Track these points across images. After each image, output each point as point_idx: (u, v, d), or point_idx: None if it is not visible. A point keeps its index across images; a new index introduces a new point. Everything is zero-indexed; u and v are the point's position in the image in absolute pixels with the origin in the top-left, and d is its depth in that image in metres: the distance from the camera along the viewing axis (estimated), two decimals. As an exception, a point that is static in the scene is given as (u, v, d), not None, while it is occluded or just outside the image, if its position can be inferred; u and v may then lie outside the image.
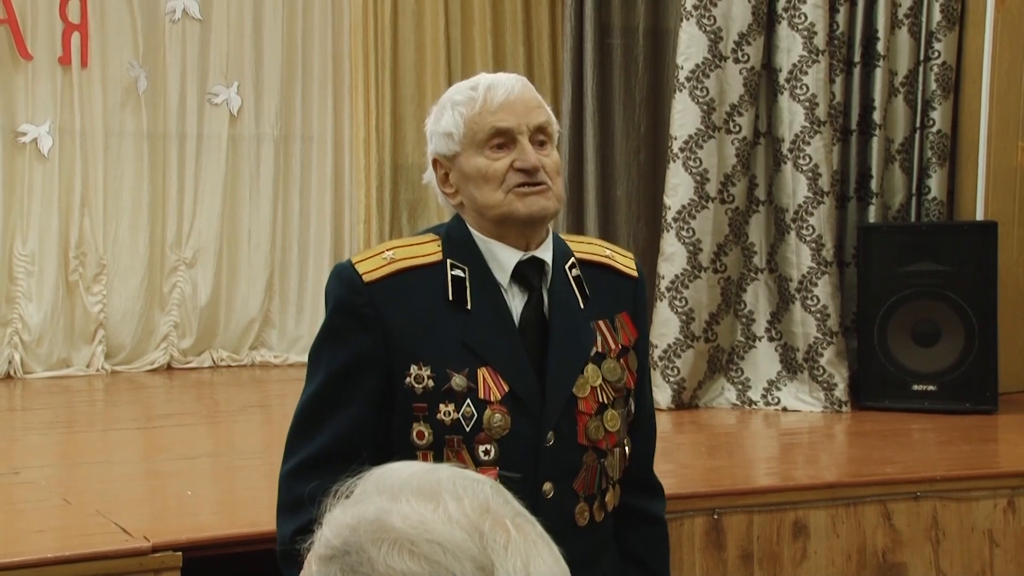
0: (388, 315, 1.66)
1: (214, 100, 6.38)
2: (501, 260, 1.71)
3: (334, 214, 6.63)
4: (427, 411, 1.66)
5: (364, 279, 1.68)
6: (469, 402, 1.65)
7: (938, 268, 4.73)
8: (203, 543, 2.72)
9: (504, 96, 1.70)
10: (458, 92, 1.74)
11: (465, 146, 1.70)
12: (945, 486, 3.42)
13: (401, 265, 1.69)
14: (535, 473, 1.67)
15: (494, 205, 1.69)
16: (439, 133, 1.73)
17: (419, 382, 1.66)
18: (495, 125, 1.69)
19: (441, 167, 1.75)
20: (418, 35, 6.75)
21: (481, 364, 1.66)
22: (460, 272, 1.69)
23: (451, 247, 1.72)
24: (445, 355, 1.66)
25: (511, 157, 1.69)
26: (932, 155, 5.08)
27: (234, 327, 6.40)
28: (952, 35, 5.05)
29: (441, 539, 0.85)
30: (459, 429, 1.65)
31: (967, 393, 4.65)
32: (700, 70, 4.86)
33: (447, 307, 1.68)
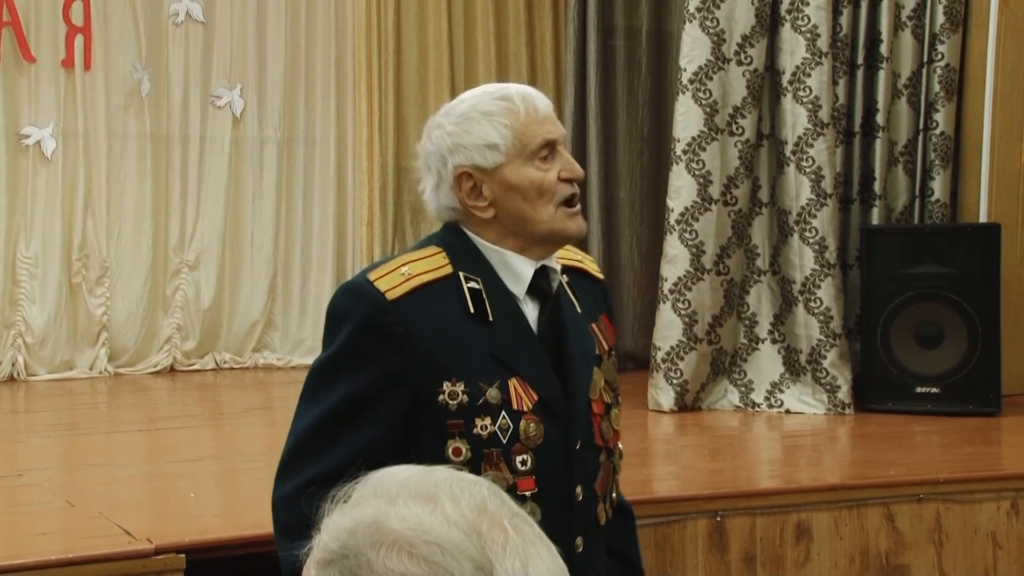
0: (416, 333, 1.63)
1: (217, 103, 6.39)
2: (517, 271, 1.70)
3: (337, 217, 6.64)
4: (463, 427, 1.64)
5: (388, 297, 1.64)
6: (504, 414, 1.64)
7: (941, 270, 4.72)
8: (206, 545, 2.73)
9: (544, 107, 1.71)
10: (485, 103, 1.70)
11: (513, 157, 1.68)
12: (948, 488, 3.41)
13: (420, 280, 1.66)
14: (569, 478, 1.69)
15: (545, 220, 1.68)
16: (475, 145, 1.68)
17: (453, 398, 1.64)
18: (546, 136, 1.69)
19: (471, 179, 1.69)
20: (421, 37, 6.75)
21: (511, 375, 1.66)
22: (475, 284, 1.68)
23: (458, 259, 1.69)
24: (476, 369, 1.64)
25: (556, 167, 1.69)
26: (935, 157, 5.07)
27: (237, 329, 6.40)
28: (955, 37, 5.05)
29: (439, 540, 0.85)
30: (497, 442, 1.64)
31: (970, 395, 4.65)
32: (703, 72, 4.86)
33: (469, 320, 1.66)
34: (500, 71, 6.92)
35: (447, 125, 1.72)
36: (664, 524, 3.14)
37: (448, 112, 1.74)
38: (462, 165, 1.69)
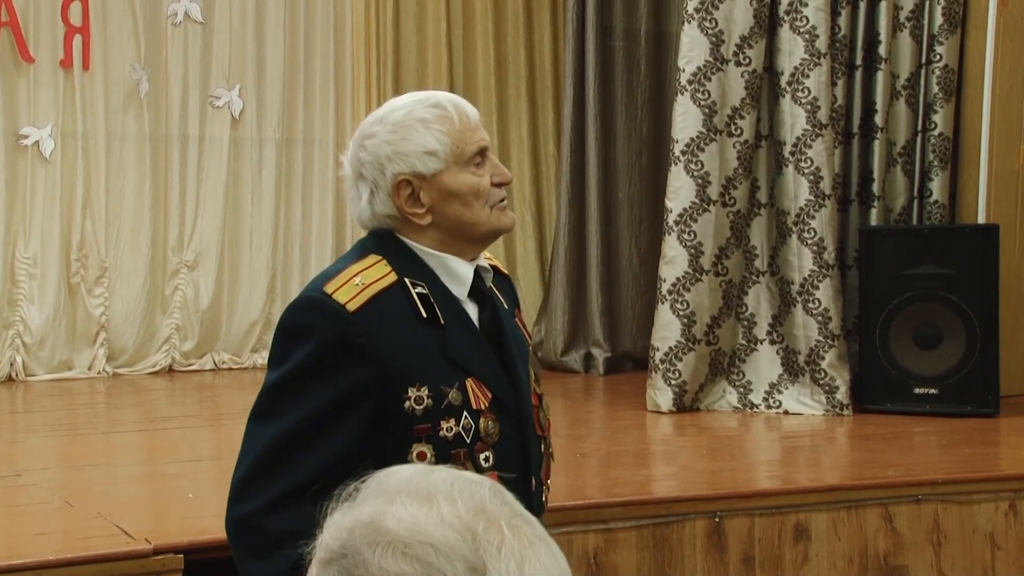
0: (379, 342, 1.64)
1: (216, 103, 6.39)
2: (458, 273, 1.73)
3: (336, 217, 6.63)
4: (430, 430, 1.66)
5: (349, 308, 1.64)
6: (466, 414, 1.68)
7: (940, 271, 4.72)
8: (205, 545, 2.73)
9: (474, 114, 1.75)
10: (419, 111, 1.71)
11: (450, 164, 1.70)
12: (947, 489, 3.42)
13: (373, 290, 1.67)
14: (524, 469, 1.74)
15: (483, 221, 1.72)
16: (414, 152, 1.69)
17: (419, 403, 1.65)
18: (479, 144, 1.72)
19: (409, 186, 1.70)
20: (420, 38, 6.75)
21: (466, 376, 1.69)
22: (422, 289, 1.69)
23: (400, 266, 1.70)
24: (435, 373, 1.67)
25: (488, 172, 1.73)
26: (934, 158, 5.08)
27: (236, 330, 6.40)
28: (954, 38, 5.05)
29: (434, 540, 0.85)
30: (461, 442, 1.67)
31: (969, 396, 4.65)
32: (702, 73, 4.86)
33: (422, 325, 1.68)
34: (499, 72, 6.93)
35: (383, 133, 1.71)
36: (663, 525, 3.15)
37: (381, 120, 1.73)
38: (401, 172, 1.69)
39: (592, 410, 5.30)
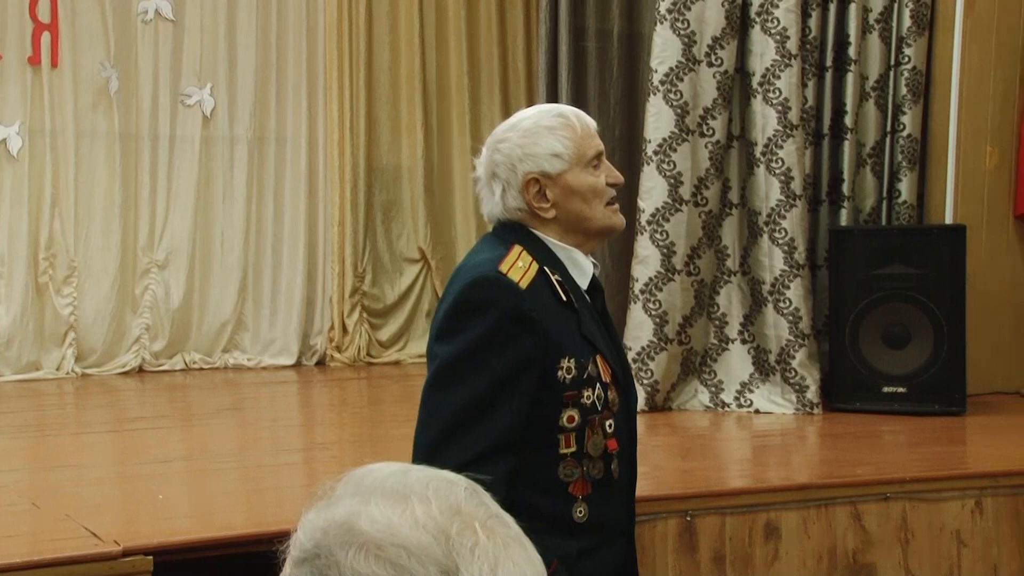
0: (542, 316, 1.88)
1: (187, 101, 6.36)
2: (582, 266, 1.99)
3: (308, 216, 6.62)
4: (576, 397, 1.90)
5: (521, 285, 1.88)
6: (598, 385, 1.92)
7: (908, 271, 4.76)
8: (175, 547, 2.71)
9: (592, 125, 2.02)
10: (546, 120, 1.98)
11: (573, 164, 1.96)
12: (915, 487, 3.44)
13: (533, 272, 1.92)
14: (631, 438, 2.00)
15: (599, 218, 1.98)
16: (542, 154, 1.95)
17: (568, 373, 1.89)
18: (598, 148, 1.99)
19: (537, 184, 1.96)
20: (393, 37, 6.75)
21: (596, 352, 1.94)
22: (559, 277, 1.94)
23: (537, 255, 1.94)
24: (577, 347, 1.91)
25: (603, 174, 1.99)
26: (902, 159, 5.12)
27: (207, 329, 6.37)
28: (922, 40, 5.09)
29: (407, 543, 0.85)
30: (596, 409, 1.91)
31: (936, 395, 4.69)
32: (674, 73, 4.88)
33: (562, 307, 1.92)
34: (472, 72, 6.93)
35: (515, 138, 1.97)
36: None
37: (513, 128, 1.99)
38: (530, 171, 1.95)
39: (564, 410, 5.32)
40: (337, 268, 6.60)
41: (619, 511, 1.97)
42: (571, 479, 1.89)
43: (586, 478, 1.90)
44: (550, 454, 1.88)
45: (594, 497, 1.91)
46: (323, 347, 6.57)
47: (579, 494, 1.90)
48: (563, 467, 1.88)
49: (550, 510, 1.88)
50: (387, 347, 6.72)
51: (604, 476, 1.91)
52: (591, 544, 1.92)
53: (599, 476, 1.90)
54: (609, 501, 1.93)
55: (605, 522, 1.93)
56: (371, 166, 6.72)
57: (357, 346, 6.58)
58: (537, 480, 1.88)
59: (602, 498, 1.92)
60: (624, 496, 1.97)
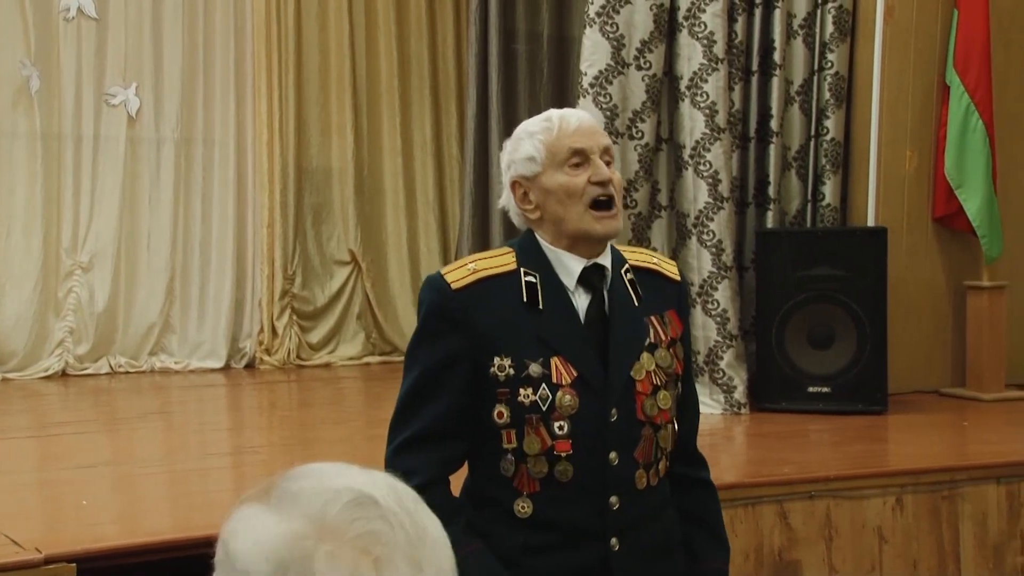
0: (473, 316, 1.95)
1: (111, 101, 6.26)
2: (568, 267, 2.01)
3: (237, 218, 6.55)
4: (508, 395, 1.94)
5: (453, 287, 1.96)
6: (544, 386, 1.94)
7: (833, 273, 4.85)
8: (99, 554, 2.67)
9: (576, 123, 2.02)
10: (532, 124, 2.05)
11: (547, 166, 2.00)
12: (838, 485, 3.51)
13: (482, 275, 1.99)
14: (603, 443, 1.96)
15: (575, 219, 1.99)
16: (520, 159, 2.02)
17: (501, 371, 1.94)
18: (572, 146, 1.99)
19: (520, 187, 2.03)
20: (322, 39, 6.71)
21: (553, 354, 1.96)
22: (532, 278, 1.99)
23: (524, 257, 2.02)
24: (523, 348, 1.95)
25: (587, 173, 1.99)
26: (826, 162, 5.22)
27: (133, 332, 6.27)
28: (844, 46, 5.20)
29: (250, 569, 0.89)
30: (536, 409, 1.94)
31: (859, 394, 4.78)
32: (603, 76, 4.92)
33: (522, 308, 1.97)
34: (402, 74, 6.92)
35: (507, 145, 2.07)
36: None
37: (511, 136, 2.08)
38: (513, 176, 2.04)
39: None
40: (266, 270, 6.54)
41: (583, 517, 1.95)
42: (510, 474, 1.94)
43: (530, 475, 1.93)
44: (495, 447, 1.95)
45: (543, 496, 1.93)
46: (252, 350, 6.51)
47: (524, 490, 1.94)
48: (503, 461, 1.94)
49: (499, 501, 1.96)
50: (317, 350, 6.67)
51: (549, 476, 1.93)
52: (541, 542, 1.94)
53: (543, 476, 1.93)
54: (565, 503, 1.94)
55: (559, 523, 1.94)
56: (301, 168, 6.67)
57: (287, 349, 6.52)
58: (486, 471, 1.98)
59: (554, 499, 1.93)
60: (594, 504, 1.95)
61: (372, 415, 5.25)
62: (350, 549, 0.88)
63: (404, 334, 6.83)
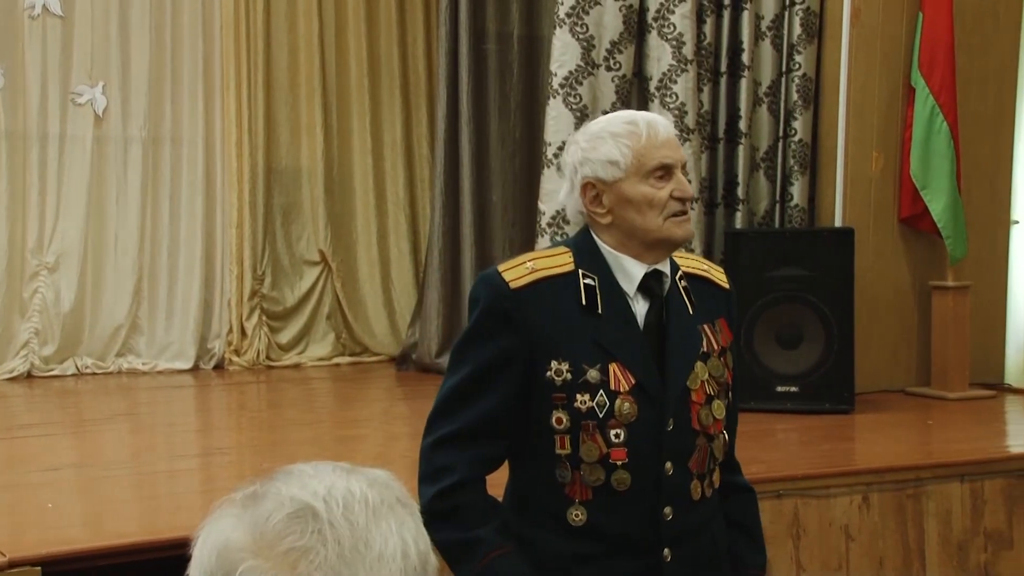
0: (531, 317, 1.90)
1: (78, 100, 6.20)
2: (630, 272, 1.96)
3: (205, 218, 6.51)
4: (565, 400, 1.89)
5: (511, 286, 1.91)
6: (602, 392, 1.90)
7: (801, 273, 4.89)
8: (64, 557, 2.65)
9: (665, 134, 1.97)
10: (613, 125, 1.97)
11: (630, 174, 1.94)
12: (806, 484, 3.54)
13: (541, 274, 1.93)
14: (659, 453, 1.93)
15: (655, 229, 1.95)
16: (599, 160, 1.95)
17: (559, 375, 1.89)
18: (662, 160, 1.95)
19: (594, 189, 1.96)
20: (291, 38, 6.68)
21: (611, 360, 1.91)
22: (591, 281, 1.94)
23: (581, 259, 1.96)
24: (580, 352, 1.90)
25: (670, 187, 1.95)
26: (794, 163, 5.26)
27: (100, 334, 6.22)
28: (812, 48, 5.24)
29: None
30: (593, 415, 1.89)
31: (827, 394, 4.82)
32: (573, 77, 4.93)
33: (580, 311, 1.92)
34: (372, 73, 6.90)
35: (581, 142, 1.99)
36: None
37: (585, 130, 2.01)
38: (587, 176, 1.96)
39: (466, 411, 5.32)
40: (235, 271, 6.51)
41: (635, 525, 1.91)
42: (565, 481, 1.89)
43: (584, 483, 1.89)
44: (547, 452, 1.90)
45: (596, 504, 1.89)
46: (221, 351, 6.47)
47: (577, 498, 1.89)
48: (559, 468, 1.89)
49: (548, 508, 1.92)
50: (287, 350, 6.64)
51: (605, 485, 1.89)
52: (592, 551, 1.90)
53: (598, 484, 1.88)
54: (618, 512, 1.90)
55: (612, 532, 1.91)
56: (270, 167, 6.64)
57: (256, 349, 6.49)
58: (538, 476, 1.93)
59: (608, 507, 1.89)
60: (647, 513, 1.91)
61: (342, 416, 5.24)
62: (276, 564, 0.88)
63: (374, 334, 6.81)
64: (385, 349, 6.78)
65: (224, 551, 0.89)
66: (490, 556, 1.85)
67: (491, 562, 1.84)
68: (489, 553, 1.85)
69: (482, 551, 1.84)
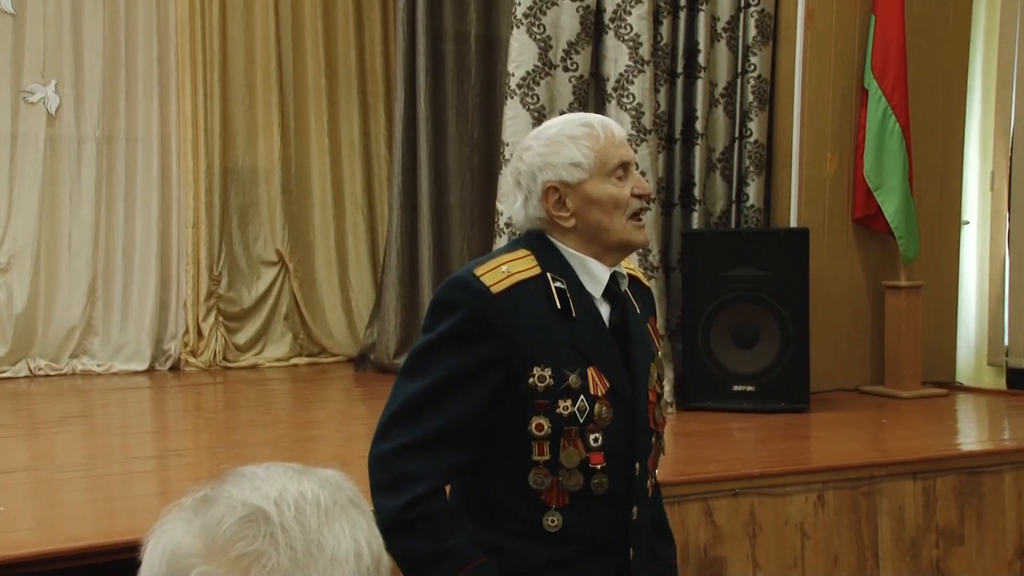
0: (512, 322, 1.87)
1: (30, 98, 6.12)
2: (596, 275, 1.96)
3: (161, 218, 6.45)
4: (548, 406, 1.88)
5: (492, 290, 1.88)
6: (582, 398, 1.90)
7: (757, 273, 4.93)
8: (16, 561, 2.62)
9: (620, 133, 1.99)
10: (569, 128, 1.97)
11: (593, 174, 1.95)
12: (762, 482, 3.57)
13: (517, 278, 1.91)
14: (632, 455, 1.95)
15: (618, 230, 1.96)
16: (562, 163, 1.95)
17: (541, 381, 1.88)
18: (622, 157, 1.97)
19: (556, 193, 1.95)
20: (248, 37, 6.63)
21: (588, 364, 1.91)
22: (561, 284, 1.93)
23: (545, 262, 1.95)
24: (560, 357, 1.89)
25: (630, 185, 1.97)
26: (750, 164, 5.30)
27: (53, 335, 6.15)
28: (767, 49, 5.28)
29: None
30: (575, 421, 1.89)
31: (783, 393, 4.87)
32: (531, 77, 4.94)
33: (554, 315, 1.91)
34: (329, 73, 6.87)
35: (536, 147, 1.98)
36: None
37: (537, 136, 2.00)
38: (550, 180, 1.95)
39: (424, 412, 5.31)
40: (192, 271, 6.45)
41: (608, 528, 1.93)
42: (542, 487, 1.88)
43: (561, 488, 1.88)
44: (522, 459, 1.88)
45: (573, 509, 1.89)
46: (177, 352, 6.42)
47: (553, 504, 1.89)
48: (535, 474, 1.88)
49: (522, 515, 1.90)
50: (244, 351, 6.60)
51: (583, 489, 1.89)
52: (567, 556, 1.90)
53: (577, 489, 1.88)
54: (593, 516, 1.91)
55: (587, 536, 1.91)
56: (226, 167, 6.59)
57: (213, 350, 6.44)
58: (511, 483, 1.90)
59: (584, 512, 1.90)
60: (619, 514, 1.94)
61: (300, 417, 5.21)
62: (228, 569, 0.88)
63: (332, 335, 6.79)
64: (343, 350, 6.76)
65: (175, 556, 0.89)
66: (467, 568, 1.83)
67: (469, 573, 1.82)
68: (466, 565, 1.83)
69: (456, 563, 1.82)
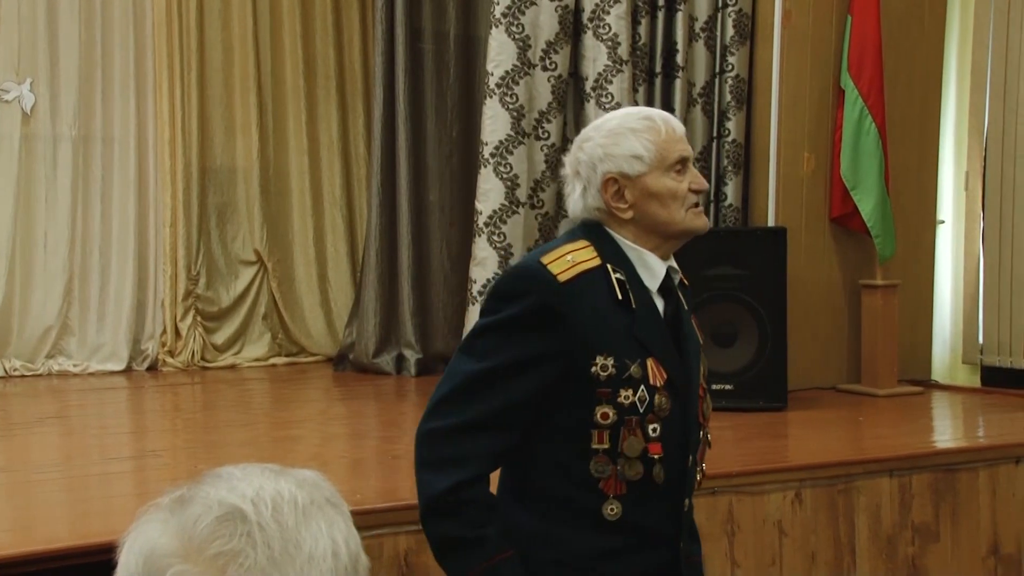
0: (578, 312, 1.89)
1: (4, 97, 6.08)
2: (652, 267, 1.99)
3: (138, 217, 6.41)
4: (609, 395, 1.90)
5: (560, 279, 1.90)
6: (643, 387, 1.92)
7: (735, 272, 4.95)
8: (-7, 564, 2.60)
9: (680, 129, 2.03)
10: (630, 121, 2.00)
11: (653, 168, 1.97)
12: (740, 481, 3.58)
13: (581, 268, 1.93)
14: (686, 447, 1.98)
15: (678, 221, 1.99)
16: (622, 155, 1.98)
17: (604, 370, 1.89)
18: (682, 153, 2.00)
19: (616, 184, 1.98)
20: (225, 36, 6.60)
21: (648, 355, 1.93)
22: (621, 276, 1.95)
23: (604, 254, 1.97)
24: (621, 347, 1.91)
25: (687, 180, 2.00)
26: (728, 163, 5.32)
27: (29, 335, 6.10)
28: (744, 49, 5.31)
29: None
30: (635, 411, 1.91)
31: (760, 391, 4.89)
32: (510, 77, 4.95)
33: (615, 306, 1.92)
34: (308, 72, 6.85)
35: (597, 138, 2.01)
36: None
37: (598, 128, 2.04)
38: (609, 172, 1.98)
39: (404, 412, 5.31)
40: (169, 271, 6.42)
41: (662, 518, 1.94)
42: (602, 476, 1.89)
43: (620, 478, 1.89)
44: (582, 448, 1.89)
45: (630, 498, 1.90)
46: (155, 352, 6.39)
47: (611, 492, 1.90)
48: (595, 463, 1.89)
49: (580, 504, 1.90)
50: (222, 351, 6.57)
51: (643, 479, 1.90)
52: (621, 545, 1.91)
53: (636, 478, 1.89)
54: (649, 506, 1.92)
55: (643, 526, 1.92)
56: (204, 167, 6.56)
57: (191, 350, 6.41)
58: (569, 473, 1.90)
59: (640, 501, 1.91)
60: (670, 504, 1.95)
61: (278, 417, 5.20)
62: (205, 569, 0.88)
63: (311, 334, 6.77)
64: (322, 349, 6.74)
65: (151, 557, 0.89)
66: (495, 559, 1.84)
67: (496, 564, 1.84)
68: (495, 556, 1.84)
69: (486, 552, 1.83)
